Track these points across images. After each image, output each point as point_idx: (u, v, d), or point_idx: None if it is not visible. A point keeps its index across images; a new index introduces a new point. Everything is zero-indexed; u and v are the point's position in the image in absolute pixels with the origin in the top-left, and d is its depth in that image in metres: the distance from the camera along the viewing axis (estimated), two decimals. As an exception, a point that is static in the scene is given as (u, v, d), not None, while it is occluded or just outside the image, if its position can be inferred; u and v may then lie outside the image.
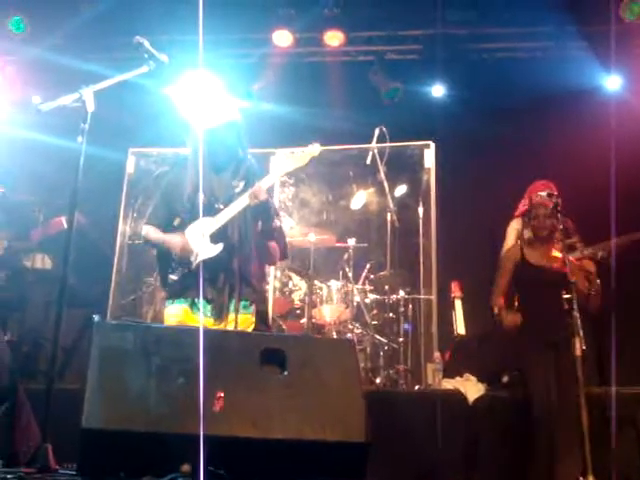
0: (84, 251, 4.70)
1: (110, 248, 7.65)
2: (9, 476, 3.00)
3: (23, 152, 7.60)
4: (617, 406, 5.25)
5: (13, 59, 8.30)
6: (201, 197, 4.66)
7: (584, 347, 5.02)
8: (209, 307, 4.65)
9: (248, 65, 8.46)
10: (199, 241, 4.69)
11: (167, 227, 4.89)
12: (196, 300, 4.68)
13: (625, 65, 8.00)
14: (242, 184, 4.81)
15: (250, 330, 4.67)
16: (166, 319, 4.81)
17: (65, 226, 6.79)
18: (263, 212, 4.80)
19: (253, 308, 4.81)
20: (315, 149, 4.81)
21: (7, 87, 8.28)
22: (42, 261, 7.18)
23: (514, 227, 6.90)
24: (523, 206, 6.46)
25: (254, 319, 4.80)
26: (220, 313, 4.64)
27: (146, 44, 4.10)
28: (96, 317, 3.38)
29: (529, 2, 7.83)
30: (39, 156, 7.68)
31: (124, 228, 7.68)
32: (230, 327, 4.59)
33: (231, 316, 4.65)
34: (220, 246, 4.66)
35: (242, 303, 4.72)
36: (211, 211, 4.74)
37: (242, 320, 4.69)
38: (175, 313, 4.74)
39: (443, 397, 5.98)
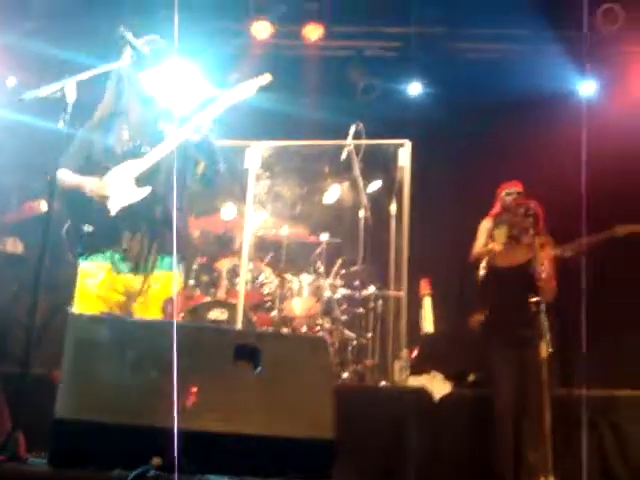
0: (54, 235, 4.63)
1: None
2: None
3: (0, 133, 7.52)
4: (582, 409, 5.34)
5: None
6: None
7: (551, 349, 5.13)
8: (127, 263, 4.20)
9: (226, 55, 8.45)
10: (121, 185, 4.18)
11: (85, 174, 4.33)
12: (116, 255, 4.21)
13: (599, 71, 8.10)
14: (168, 125, 4.31)
15: (176, 290, 4.25)
16: (82, 277, 4.26)
17: (41, 210, 6.76)
18: (205, 150, 4.22)
19: (183, 266, 4.40)
20: (263, 77, 4.35)
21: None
22: (13, 245, 7.14)
23: (485, 226, 6.98)
24: (497, 207, 6.56)
25: (183, 278, 4.46)
26: (139, 268, 4.19)
27: (129, 36, 4.09)
28: (69, 308, 3.40)
29: (506, 4, 7.87)
30: (16, 137, 7.60)
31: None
32: (154, 285, 4.20)
33: (155, 273, 4.21)
34: (147, 189, 4.18)
35: (167, 259, 4.23)
36: (136, 154, 4.26)
37: (168, 278, 4.23)
38: (94, 272, 4.22)
39: (409, 394, 6.04)
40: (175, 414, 2.81)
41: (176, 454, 2.70)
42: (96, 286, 4.20)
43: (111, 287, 4.21)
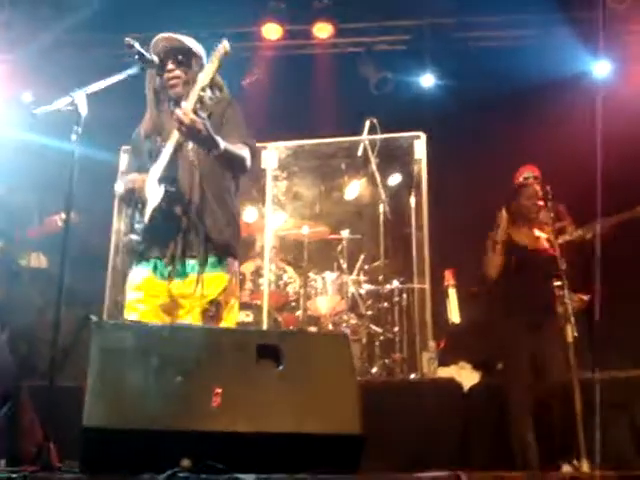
0: (78, 249, 4.64)
1: (104, 246, 7.67)
2: (13, 475, 3.04)
3: (17, 151, 7.60)
4: (609, 391, 5.31)
5: (6, 58, 8.30)
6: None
7: (576, 334, 5.10)
8: (166, 269, 4.08)
9: (238, 59, 8.49)
10: (150, 189, 4.07)
11: None
12: (157, 261, 4.12)
13: (613, 51, 8.05)
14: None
15: (222, 288, 4.10)
16: (128, 284, 4.24)
17: (60, 225, 6.83)
18: (197, 138, 3.95)
19: (228, 263, 4.16)
20: (221, 47, 4.16)
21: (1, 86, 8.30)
22: (37, 260, 7.21)
23: (504, 214, 6.96)
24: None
25: (228, 276, 4.13)
26: (177, 273, 4.07)
27: (137, 45, 4.07)
28: (93, 317, 3.42)
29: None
30: (33, 155, 7.68)
31: (118, 225, 7.70)
32: (198, 288, 4.04)
33: (193, 276, 4.05)
34: (161, 190, 4.00)
35: (211, 260, 4.08)
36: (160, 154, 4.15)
37: (210, 279, 4.08)
38: (138, 278, 4.17)
39: (439, 385, 6.04)
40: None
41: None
42: (137, 291, 4.17)
43: (152, 293, 4.14)
